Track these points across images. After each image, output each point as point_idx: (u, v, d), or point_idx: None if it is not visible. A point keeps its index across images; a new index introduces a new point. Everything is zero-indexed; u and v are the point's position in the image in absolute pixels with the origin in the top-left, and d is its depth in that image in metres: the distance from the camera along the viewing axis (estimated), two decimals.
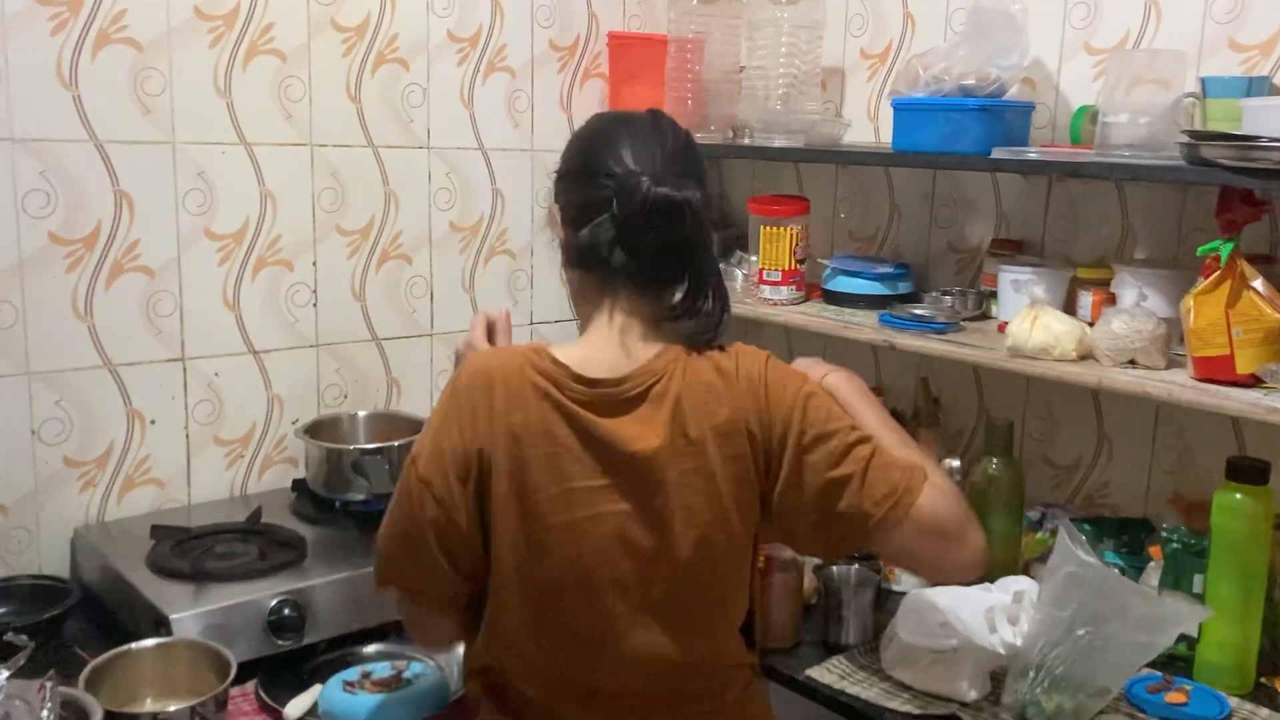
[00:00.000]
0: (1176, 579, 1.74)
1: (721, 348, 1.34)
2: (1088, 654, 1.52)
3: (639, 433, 1.27)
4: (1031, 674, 1.55)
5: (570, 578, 1.28)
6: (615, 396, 1.28)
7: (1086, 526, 1.89)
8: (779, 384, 1.31)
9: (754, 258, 2.42)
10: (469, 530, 1.28)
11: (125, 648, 1.55)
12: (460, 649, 1.70)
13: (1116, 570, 1.66)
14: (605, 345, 1.31)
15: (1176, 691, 1.62)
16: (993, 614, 1.60)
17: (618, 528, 1.28)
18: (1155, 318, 1.69)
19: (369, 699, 1.55)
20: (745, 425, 1.29)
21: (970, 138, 1.82)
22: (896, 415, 2.24)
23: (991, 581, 1.71)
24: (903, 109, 1.92)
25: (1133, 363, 1.70)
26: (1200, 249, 1.61)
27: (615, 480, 1.27)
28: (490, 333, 1.52)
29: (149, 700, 1.54)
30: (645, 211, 1.25)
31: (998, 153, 1.77)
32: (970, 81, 1.86)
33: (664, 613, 1.30)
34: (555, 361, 1.29)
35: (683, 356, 1.30)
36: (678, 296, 1.32)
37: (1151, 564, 1.81)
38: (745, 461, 1.29)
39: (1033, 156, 1.75)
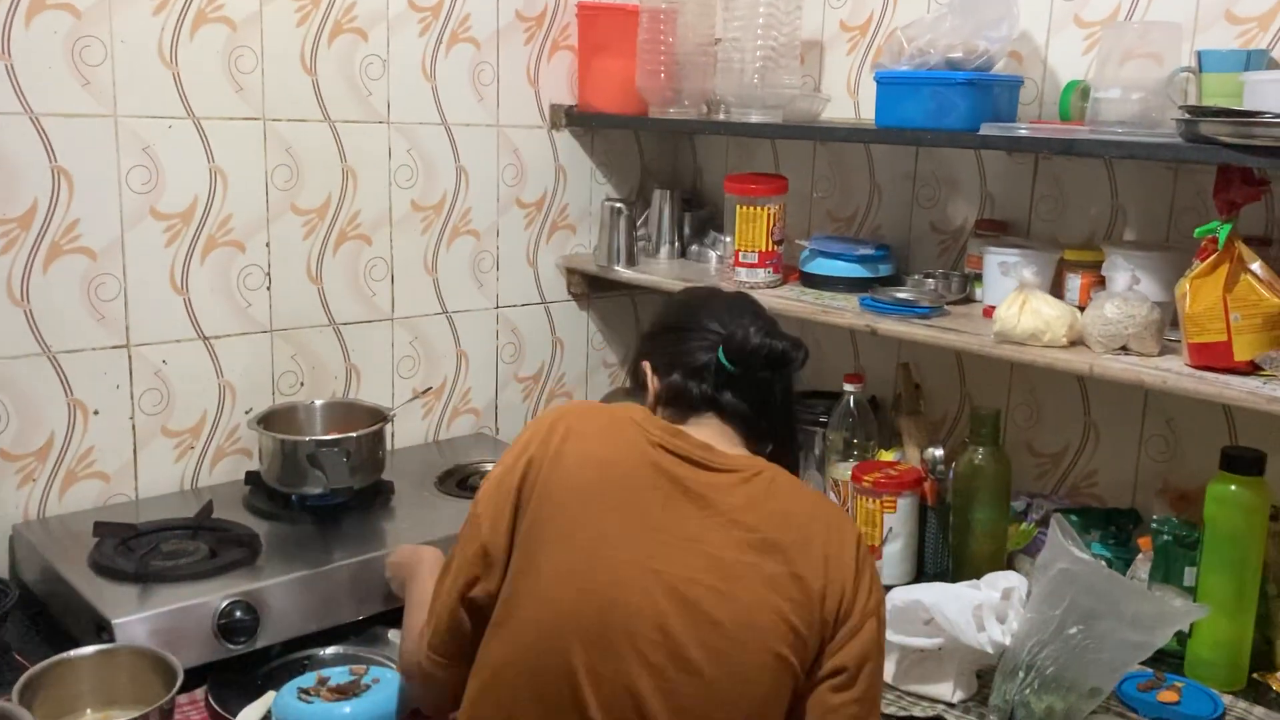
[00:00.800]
0: (1166, 572, 1.68)
1: None
2: (1079, 653, 1.47)
3: (741, 503, 1.24)
4: (1021, 674, 1.49)
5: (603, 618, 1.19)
6: (718, 467, 1.27)
7: (1073, 517, 1.83)
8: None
9: (728, 239, 2.34)
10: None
11: (63, 656, 1.45)
12: None
13: (1106, 565, 1.60)
14: (704, 434, 1.32)
15: (1168, 690, 1.57)
16: (980, 612, 1.53)
17: (672, 585, 1.19)
18: (1149, 302, 1.63)
19: (326, 708, 1.45)
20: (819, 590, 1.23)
21: (957, 113, 1.75)
22: (875, 403, 2.18)
23: (978, 577, 1.65)
24: (886, 83, 1.84)
25: (1125, 349, 1.64)
26: (1197, 230, 1.55)
27: (694, 541, 1.21)
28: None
29: (89, 712, 1.45)
30: (756, 358, 1.32)
31: (986, 129, 1.70)
32: (957, 54, 1.79)
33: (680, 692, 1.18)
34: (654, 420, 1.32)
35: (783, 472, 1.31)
36: (769, 447, 1.36)
37: (1140, 555, 1.75)
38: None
39: (1023, 133, 1.68)
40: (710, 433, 1.32)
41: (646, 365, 1.41)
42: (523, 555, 1.23)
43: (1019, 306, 1.69)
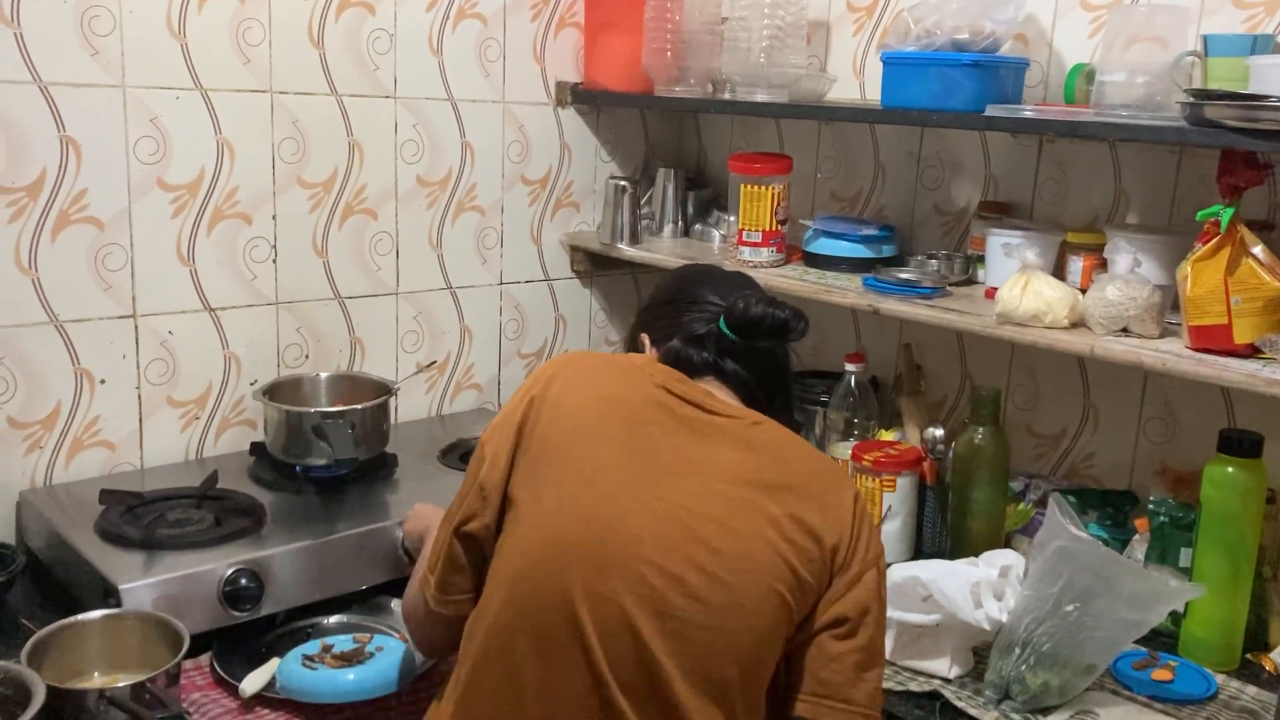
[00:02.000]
0: (1163, 552, 1.70)
1: None
2: (1075, 631, 1.48)
3: (742, 445, 1.27)
4: (1017, 651, 1.51)
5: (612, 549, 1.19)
6: (720, 412, 1.29)
7: (1070, 498, 1.84)
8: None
9: (732, 218, 2.35)
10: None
11: (71, 619, 1.47)
12: None
13: (1104, 544, 1.61)
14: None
15: (1162, 668, 1.59)
16: (978, 589, 1.55)
17: (672, 513, 1.20)
18: (1150, 285, 1.64)
19: (331, 674, 1.48)
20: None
21: (963, 94, 1.75)
22: (875, 383, 2.19)
23: (976, 555, 1.67)
24: (893, 63, 1.84)
25: (1126, 331, 1.65)
26: (1200, 213, 1.56)
27: (696, 474, 1.23)
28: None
29: (96, 675, 1.47)
30: (758, 327, 1.32)
31: (991, 110, 1.71)
32: (963, 36, 1.79)
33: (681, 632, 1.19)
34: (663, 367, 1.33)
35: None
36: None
37: (1136, 537, 1.76)
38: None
39: (1028, 114, 1.69)
40: (711, 391, 1.34)
41: (645, 337, 1.41)
42: (526, 490, 1.23)
43: (1021, 288, 1.70)
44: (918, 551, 1.96)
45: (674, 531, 1.18)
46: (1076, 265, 1.82)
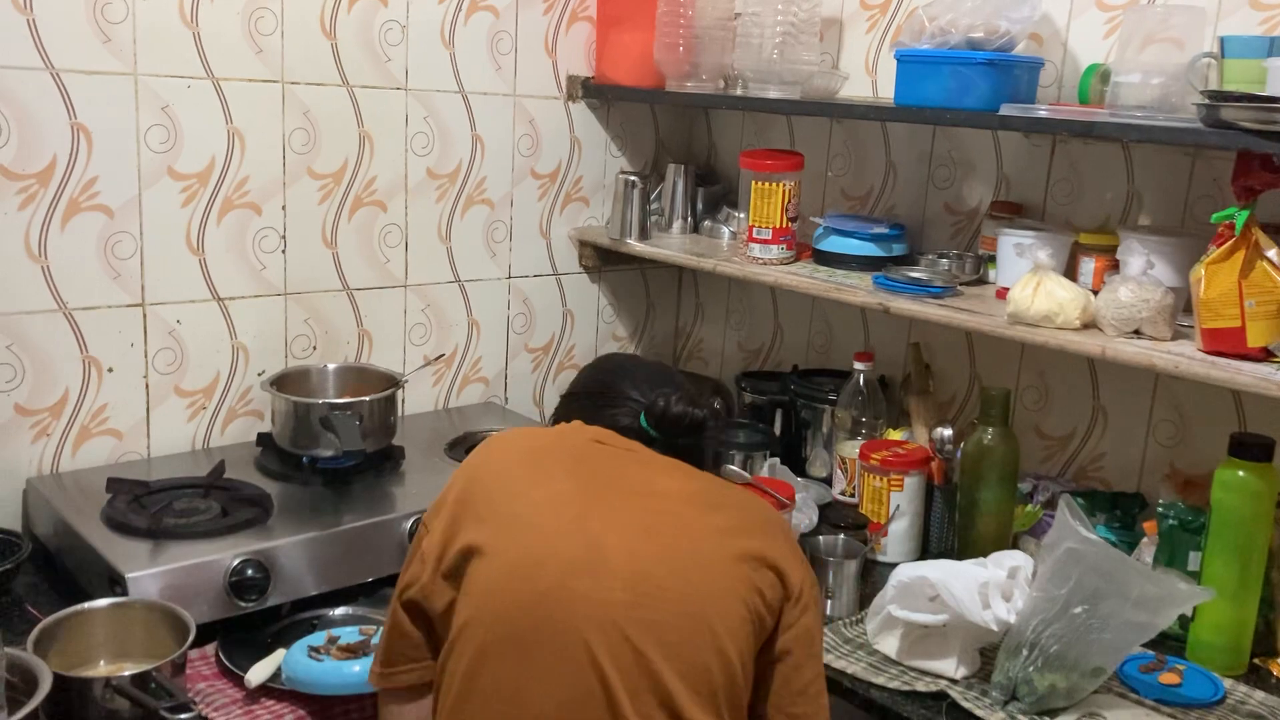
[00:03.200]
0: (1171, 556, 1.69)
1: None
2: (1084, 633, 1.48)
3: (683, 476, 1.31)
4: (1025, 652, 1.50)
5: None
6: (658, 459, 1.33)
7: (1079, 500, 1.83)
8: None
9: (742, 214, 2.34)
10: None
11: (77, 608, 1.47)
12: None
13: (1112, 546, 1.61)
14: None
15: (1170, 672, 1.59)
16: (986, 589, 1.54)
17: (641, 522, 1.24)
18: (1163, 287, 1.63)
19: (336, 665, 1.48)
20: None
21: (977, 93, 1.75)
22: (884, 382, 2.19)
23: (984, 556, 1.66)
24: (907, 61, 1.83)
25: (1138, 333, 1.64)
26: (1215, 216, 1.55)
27: (646, 493, 1.27)
28: None
29: (102, 663, 1.46)
30: (678, 426, 1.33)
31: (1006, 109, 1.70)
32: (978, 34, 1.78)
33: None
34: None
35: None
36: None
37: (1145, 540, 1.76)
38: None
39: (1043, 114, 1.68)
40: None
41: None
42: (480, 533, 1.24)
43: (1033, 288, 1.69)
44: (924, 551, 1.96)
45: (636, 534, 1.22)
46: (1088, 266, 1.82)
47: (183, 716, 1.28)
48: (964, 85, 1.76)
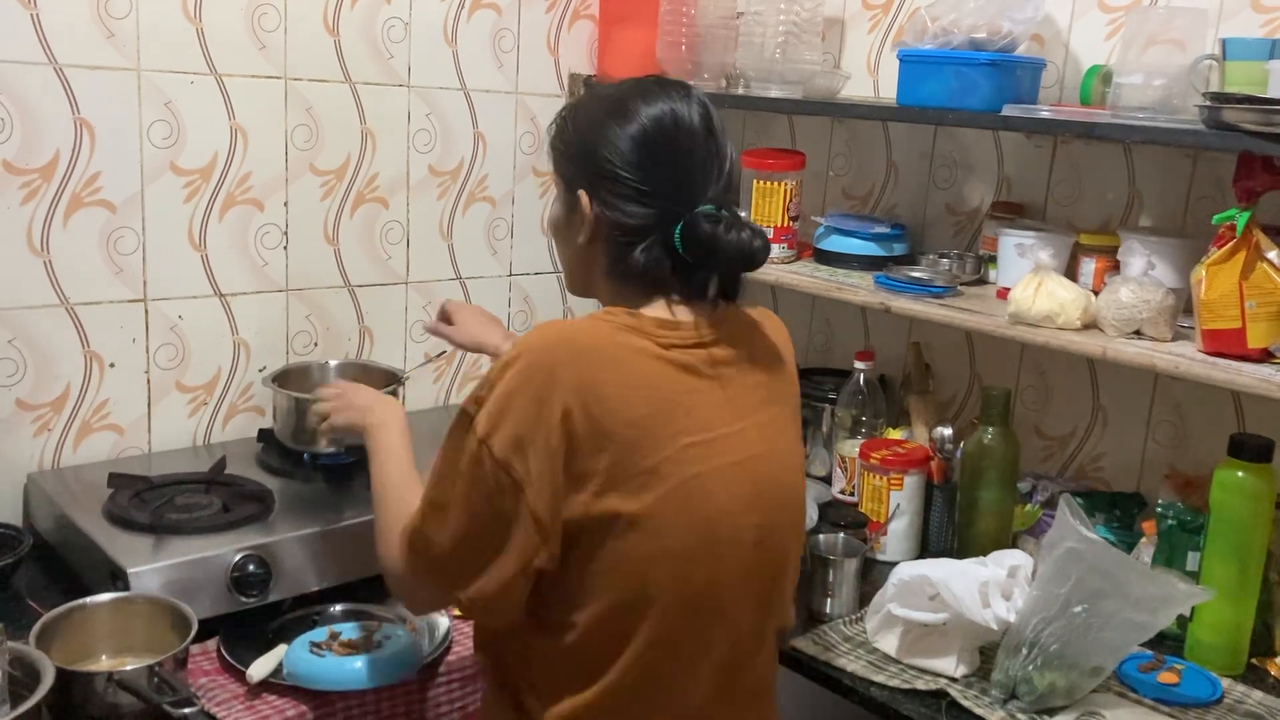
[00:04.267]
0: (1170, 556, 1.70)
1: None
2: (1083, 632, 1.48)
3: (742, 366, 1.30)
4: (1024, 651, 1.51)
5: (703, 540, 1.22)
6: (707, 341, 1.26)
7: (1078, 499, 1.84)
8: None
9: (744, 213, 2.34)
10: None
11: (80, 602, 1.46)
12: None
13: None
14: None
15: (1168, 671, 1.59)
16: (987, 589, 1.55)
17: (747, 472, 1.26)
18: (1164, 288, 1.64)
19: (338, 661, 1.48)
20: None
21: (979, 93, 1.75)
22: (883, 381, 2.19)
23: (984, 554, 1.67)
24: (909, 61, 1.84)
25: (1139, 333, 1.65)
26: (1216, 217, 1.55)
27: (740, 423, 1.27)
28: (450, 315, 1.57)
29: (104, 658, 1.46)
30: (723, 258, 1.22)
31: (1008, 110, 1.70)
32: (981, 35, 1.79)
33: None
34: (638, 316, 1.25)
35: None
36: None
37: (1143, 539, 1.77)
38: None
39: (1045, 115, 1.68)
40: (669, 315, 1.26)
41: (586, 200, 1.26)
42: (622, 499, 1.17)
43: (1034, 288, 1.70)
44: (923, 550, 1.96)
45: (754, 490, 1.26)
46: (1089, 267, 1.82)
47: (186, 711, 1.28)
48: (967, 86, 1.76)
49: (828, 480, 2.18)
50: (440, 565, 1.24)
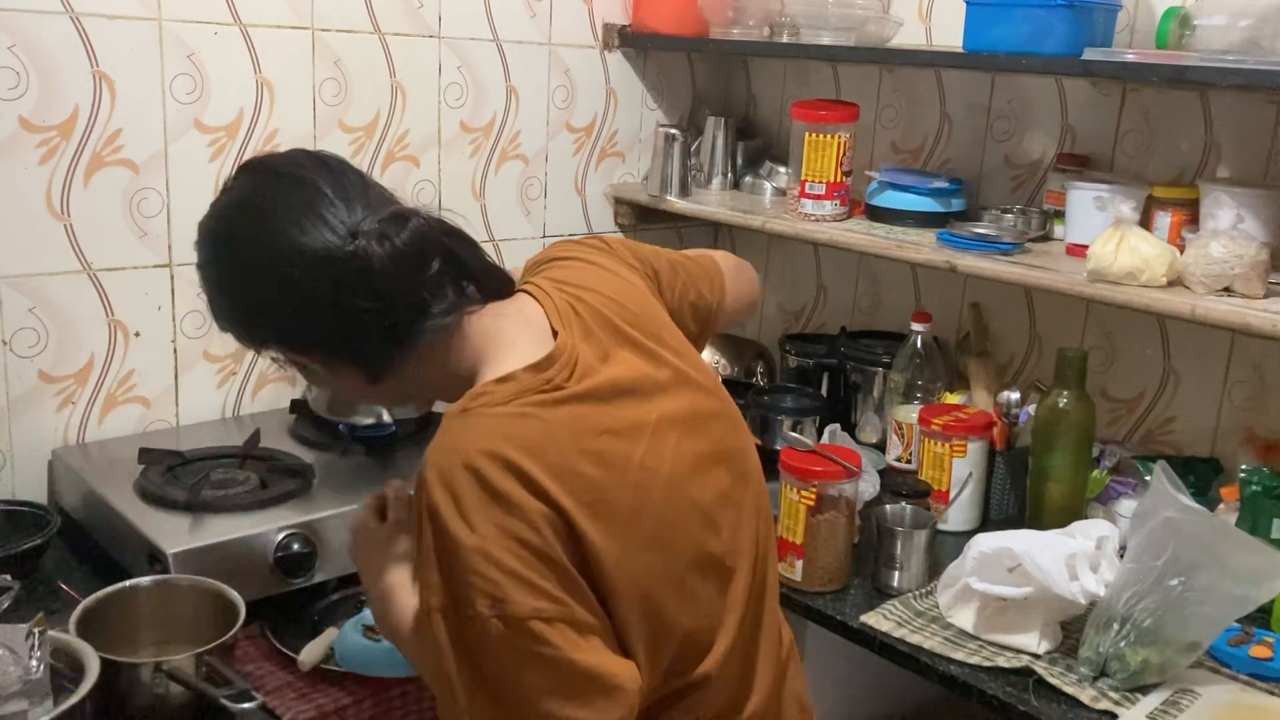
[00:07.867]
0: (1254, 524, 1.62)
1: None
2: (1179, 606, 1.41)
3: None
4: (1116, 626, 1.43)
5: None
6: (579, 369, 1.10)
7: (1150, 464, 1.77)
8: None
9: (783, 169, 2.26)
10: None
11: (122, 585, 1.37)
12: None
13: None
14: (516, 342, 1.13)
15: (1260, 644, 1.52)
16: (1075, 561, 1.47)
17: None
18: (1256, 242, 1.55)
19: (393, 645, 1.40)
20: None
21: (1055, 37, 1.65)
22: (939, 343, 2.10)
23: (1053, 526, 1.59)
24: (977, 4, 1.73)
25: (1228, 290, 1.56)
26: None
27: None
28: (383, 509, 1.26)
29: (149, 646, 1.38)
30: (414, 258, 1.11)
31: (1089, 54, 1.60)
32: None
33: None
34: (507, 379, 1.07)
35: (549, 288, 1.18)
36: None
37: (1222, 505, 1.69)
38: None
39: (1130, 59, 1.59)
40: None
41: (312, 358, 1.17)
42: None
43: (1115, 244, 1.61)
44: (984, 519, 1.88)
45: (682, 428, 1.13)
46: (1163, 221, 1.74)
47: (246, 706, 1.19)
48: (1040, 29, 1.66)
49: (879, 447, 2.10)
50: None
